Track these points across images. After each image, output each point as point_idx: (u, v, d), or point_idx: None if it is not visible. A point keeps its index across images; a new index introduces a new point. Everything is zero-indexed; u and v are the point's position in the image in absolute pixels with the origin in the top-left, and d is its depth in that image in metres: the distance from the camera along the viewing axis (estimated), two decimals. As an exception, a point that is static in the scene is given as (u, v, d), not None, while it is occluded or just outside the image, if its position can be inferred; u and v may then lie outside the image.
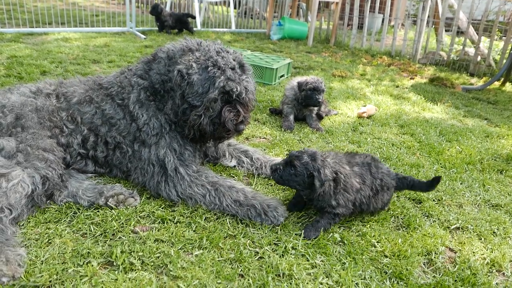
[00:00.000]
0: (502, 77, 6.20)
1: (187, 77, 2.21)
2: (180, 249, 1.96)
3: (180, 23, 8.11)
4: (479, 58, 6.95)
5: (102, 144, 2.44)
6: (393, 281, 1.88)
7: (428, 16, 7.41)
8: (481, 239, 2.28)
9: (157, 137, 2.38)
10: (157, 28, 8.57)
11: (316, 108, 3.86)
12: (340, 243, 2.11)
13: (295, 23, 9.32)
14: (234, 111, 2.31)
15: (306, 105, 3.74)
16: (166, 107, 2.35)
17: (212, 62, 2.24)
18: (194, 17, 8.80)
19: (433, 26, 7.77)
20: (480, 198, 2.74)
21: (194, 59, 2.24)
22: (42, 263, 1.79)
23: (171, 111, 2.35)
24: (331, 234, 2.16)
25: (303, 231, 2.15)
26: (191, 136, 2.36)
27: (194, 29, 9.13)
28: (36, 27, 7.11)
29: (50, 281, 1.69)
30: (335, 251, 2.04)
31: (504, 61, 6.42)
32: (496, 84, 6.24)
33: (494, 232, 2.36)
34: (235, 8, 10.56)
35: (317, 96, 3.64)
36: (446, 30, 8.09)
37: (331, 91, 5.04)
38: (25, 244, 1.89)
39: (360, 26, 8.92)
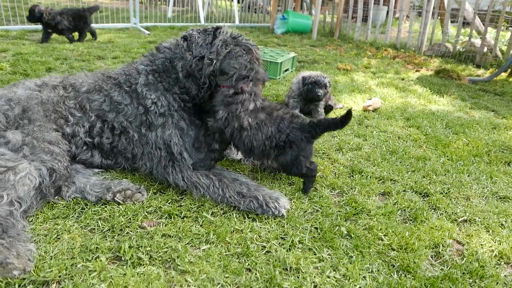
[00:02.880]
0: (509, 68, 6.14)
1: (210, 34, 2.50)
2: (187, 243, 1.97)
3: (79, 20, 6.23)
4: (485, 49, 6.88)
5: (108, 130, 2.48)
6: (401, 274, 1.88)
7: (434, 7, 7.34)
8: (489, 231, 2.27)
9: (164, 117, 2.44)
10: (161, 23, 8.47)
11: (321, 103, 3.85)
12: (347, 237, 2.11)
13: (299, 16, 9.27)
14: None
15: (308, 99, 3.77)
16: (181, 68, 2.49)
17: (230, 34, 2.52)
18: (97, 9, 6.53)
19: (439, 17, 7.69)
20: (488, 190, 2.72)
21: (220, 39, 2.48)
22: (51, 258, 1.81)
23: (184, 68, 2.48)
24: (338, 227, 2.16)
25: None
26: (197, 97, 2.50)
27: (198, 24, 9.04)
28: (40, 24, 7.12)
29: (59, 276, 1.71)
30: (342, 245, 2.04)
31: (511, 52, 6.35)
32: (503, 75, 6.18)
33: (502, 225, 2.34)
34: (238, 2, 10.51)
35: (316, 90, 3.65)
36: (452, 21, 8.00)
37: (336, 85, 5.01)
38: (35, 240, 1.91)
39: (365, 19, 8.85)
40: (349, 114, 2.26)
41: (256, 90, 2.42)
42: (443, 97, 4.90)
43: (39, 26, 6.94)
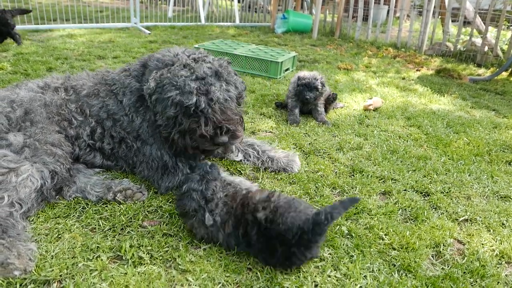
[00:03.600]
0: (510, 67, 6.12)
1: (148, 98, 2.26)
2: (188, 243, 1.97)
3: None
4: (486, 48, 6.87)
5: (108, 136, 2.47)
6: (402, 274, 1.88)
7: (434, 7, 7.33)
8: (490, 230, 2.27)
9: (154, 139, 2.41)
10: (162, 23, 8.44)
11: (320, 102, 3.82)
12: (348, 236, 2.11)
13: (300, 16, 9.26)
14: (197, 123, 2.17)
15: (300, 101, 3.71)
16: (149, 118, 2.40)
17: (170, 78, 2.18)
18: (28, 11, 6.07)
19: (439, 16, 7.68)
20: (489, 189, 2.72)
21: (155, 77, 2.23)
22: (52, 258, 1.81)
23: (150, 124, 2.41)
24: (338, 227, 2.16)
25: None
26: (174, 150, 2.36)
27: (198, 23, 9.02)
28: (41, 24, 7.14)
29: (60, 275, 1.71)
30: (343, 244, 2.04)
31: (512, 51, 6.34)
32: (504, 74, 6.17)
33: (503, 224, 2.34)
34: (238, 1, 10.51)
35: (305, 93, 3.61)
36: (452, 21, 7.99)
37: (336, 84, 5.01)
38: (36, 239, 1.92)
39: (365, 18, 8.84)
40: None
41: (219, 201, 1.95)
42: (443, 96, 4.89)
43: (40, 26, 6.97)
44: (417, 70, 6.27)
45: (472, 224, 2.32)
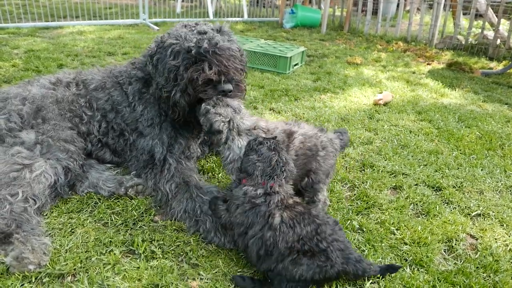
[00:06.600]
0: (523, 61, 6.01)
1: (149, 61, 2.26)
2: (199, 238, 1.98)
3: None
4: (498, 41, 6.75)
5: (111, 130, 2.48)
6: (414, 268, 1.87)
7: (445, 0, 7.21)
8: (503, 225, 2.25)
9: (151, 128, 2.39)
10: (171, 19, 8.44)
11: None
12: (359, 231, 2.11)
13: (308, 10, 9.20)
14: (198, 71, 2.07)
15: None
16: (152, 91, 2.37)
17: (171, 37, 2.20)
18: None
19: (450, 9, 7.56)
20: (502, 184, 2.68)
21: (155, 40, 2.28)
22: (66, 252, 1.84)
23: (153, 94, 2.37)
24: (349, 221, 2.15)
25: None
26: (177, 117, 2.25)
27: (206, 19, 9.01)
28: (51, 21, 7.19)
29: (74, 269, 1.74)
30: (354, 239, 2.03)
31: (525, 44, 6.22)
32: (517, 68, 6.05)
33: (516, 219, 2.31)
34: (247, -4, 10.46)
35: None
36: (463, 13, 7.86)
37: (346, 79, 4.98)
38: (50, 234, 1.94)
39: (375, 12, 8.74)
40: None
41: (289, 189, 1.87)
42: (455, 90, 4.83)
43: (51, 23, 7.02)
44: (427, 64, 6.20)
45: (485, 219, 2.30)
